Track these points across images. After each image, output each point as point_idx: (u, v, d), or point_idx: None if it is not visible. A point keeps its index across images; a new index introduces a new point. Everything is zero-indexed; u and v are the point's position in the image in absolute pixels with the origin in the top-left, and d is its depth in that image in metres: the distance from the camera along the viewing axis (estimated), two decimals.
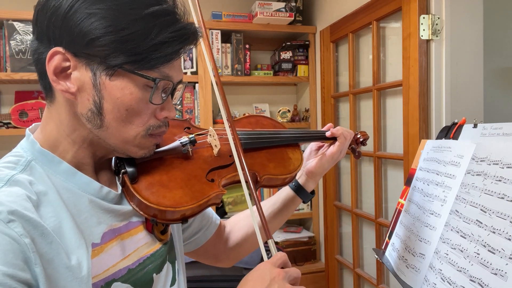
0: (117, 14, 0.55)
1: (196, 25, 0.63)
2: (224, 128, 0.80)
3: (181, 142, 0.72)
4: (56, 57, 0.56)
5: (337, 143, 0.92)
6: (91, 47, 0.55)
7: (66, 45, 0.56)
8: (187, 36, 0.60)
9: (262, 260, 0.62)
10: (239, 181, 0.73)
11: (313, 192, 0.95)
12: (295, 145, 0.89)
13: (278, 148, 0.86)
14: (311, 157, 0.95)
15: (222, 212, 2.32)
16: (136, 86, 0.58)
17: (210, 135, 0.78)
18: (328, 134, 0.92)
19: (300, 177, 0.94)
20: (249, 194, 0.66)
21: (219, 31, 2.24)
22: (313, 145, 0.98)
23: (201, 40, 0.66)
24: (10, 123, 2.01)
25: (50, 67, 0.56)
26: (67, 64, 0.57)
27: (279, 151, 0.86)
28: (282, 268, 0.59)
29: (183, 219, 0.66)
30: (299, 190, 0.93)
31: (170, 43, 0.58)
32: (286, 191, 0.94)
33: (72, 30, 0.55)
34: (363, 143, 1.01)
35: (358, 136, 1.00)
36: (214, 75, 0.72)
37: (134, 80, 0.58)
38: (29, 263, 0.49)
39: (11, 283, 0.46)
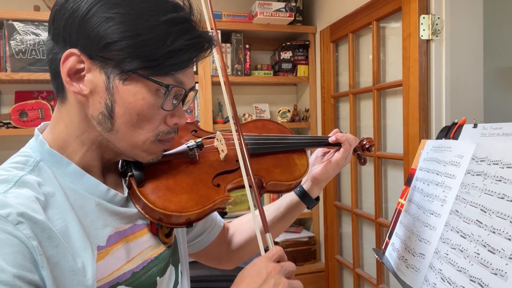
0: (135, 20, 0.55)
1: (210, 33, 0.62)
2: (231, 132, 0.80)
3: (188, 147, 0.72)
4: (71, 59, 0.56)
5: (341, 149, 0.91)
6: (107, 50, 0.55)
7: (81, 47, 0.56)
8: (202, 44, 0.60)
9: None
10: (245, 186, 0.73)
11: (317, 198, 0.95)
12: (301, 151, 0.89)
13: (284, 154, 0.85)
14: (316, 163, 0.95)
15: (222, 212, 2.32)
16: (149, 91, 0.58)
17: (217, 139, 0.78)
18: (332, 140, 0.92)
19: (305, 183, 0.93)
20: (253, 199, 0.66)
21: (219, 31, 2.24)
22: (318, 151, 0.97)
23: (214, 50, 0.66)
24: (10, 123, 2.01)
25: (64, 68, 0.57)
26: (82, 66, 0.57)
27: (285, 157, 0.85)
28: (278, 262, 0.59)
29: (188, 224, 0.66)
30: (304, 196, 0.93)
31: (186, 51, 0.58)
32: (290, 197, 0.94)
33: (88, 33, 0.55)
34: (369, 149, 1.00)
35: (364, 142, 0.99)
36: (225, 84, 0.72)
37: (147, 85, 0.58)
38: (37, 265, 0.49)
39: (20, 284, 0.46)
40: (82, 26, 0.55)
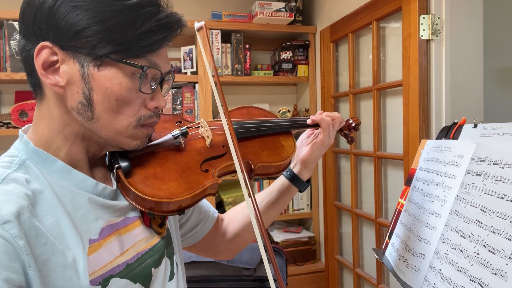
0: (102, 6, 0.56)
1: (180, 14, 0.63)
2: (215, 119, 0.80)
3: (173, 135, 0.73)
4: (43, 52, 0.57)
5: (320, 129, 0.92)
6: (78, 38, 0.56)
7: (53, 39, 0.56)
8: (171, 24, 0.61)
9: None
10: (233, 171, 0.74)
11: (308, 181, 0.95)
12: (287, 132, 0.90)
13: (270, 137, 0.87)
14: (303, 145, 0.96)
15: (221, 212, 2.32)
16: (125, 75, 0.59)
17: (201, 126, 0.79)
18: (308, 122, 0.92)
19: (295, 167, 0.95)
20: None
21: (219, 31, 2.24)
22: (304, 134, 0.98)
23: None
24: (10, 123, 2.01)
25: (38, 62, 0.57)
26: (55, 58, 0.57)
27: (272, 140, 0.86)
28: None
29: (180, 210, 0.66)
30: (294, 179, 0.93)
31: (156, 32, 0.59)
32: (281, 181, 0.95)
33: (58, 23, 0.55)
34: (355, 128, 1.01)
35: (350, 121, 1.00)
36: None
37: (122, 69, 0.58)
38: (23, 266, 0.49)
39: (5, 287, 0.46)
40: (51, 18, 0.56)
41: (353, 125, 1.00)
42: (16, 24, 1.92)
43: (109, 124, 0.60)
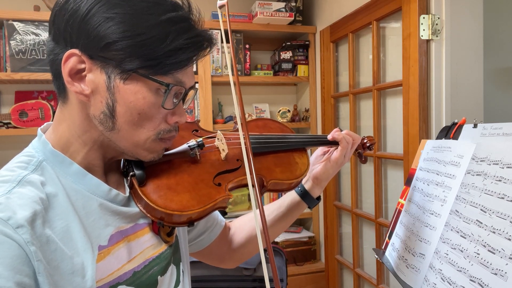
0: (134, 20, 0.56)
1: (209, 32, 0.63)
2: (232, 131, 0.80)
3: (189, 146, 0.73)
4: (72, 59, 0.57)
5: (339, 147, 0.91)
6: (107, 50, 0.56)
7: (82, 47, 0.56)
8: (202, 43, 0.61)
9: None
10: (245, 185, 0.73)
11: (319, 198, 0.94)
12: (302, 149, 0.89)
13: (285, 153, 0.85)
14: (316, 162, 0.94)
15: (222, 212, 2.32)
16: (149, 90, 0.59)
17: (218, 139, 0.78)
18: (329, 137, 0.91)
19: (306, 183, 0.93)
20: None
21: (218, 32, 2.24)
22: (318, 150, 0.97)
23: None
24: (10, 123, 2.01)
25: (65, 69, 0.57)
26: (83, 66, 0.57)
27: (286, 156, 0.85)
28: None
29: (190, 223, 0.67)
30: (305, 195, 0.93)
31: (185, 50, 0.58)
32: (291, 196, 0.94)
33: (89, 33, 0.55)
34: (370, 148, 0.99)
35: (365, 141, 0.99)
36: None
37: (148, 84, 0.58)
38: (33, 271, 0.49)
39: None
40: (83, 27, 0.56)
41: (367, 144, 0.99)
42: (16, 24, 1.92)
43: (129, 136, 0.61)
